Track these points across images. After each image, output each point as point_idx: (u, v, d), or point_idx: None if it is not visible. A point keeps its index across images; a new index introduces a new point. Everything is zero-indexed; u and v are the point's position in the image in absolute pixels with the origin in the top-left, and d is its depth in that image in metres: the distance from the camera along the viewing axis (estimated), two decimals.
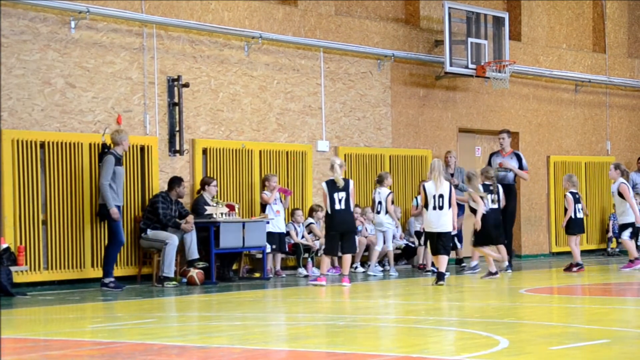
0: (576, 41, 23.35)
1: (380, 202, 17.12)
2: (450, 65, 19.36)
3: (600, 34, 23.65)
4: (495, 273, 15.58)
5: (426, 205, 14.91)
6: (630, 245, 16.99)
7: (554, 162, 22.16)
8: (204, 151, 16.79)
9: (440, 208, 14.77)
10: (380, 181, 17.24)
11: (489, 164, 17.96)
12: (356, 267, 17.81)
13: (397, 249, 18.53)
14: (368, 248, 17.94)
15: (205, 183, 16.29)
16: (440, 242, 14.84)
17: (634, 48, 24.44)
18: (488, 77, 19.89)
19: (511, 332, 9.39)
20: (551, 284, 15.51)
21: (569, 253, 21.04)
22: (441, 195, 14.79)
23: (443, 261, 14.71)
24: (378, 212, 17.15)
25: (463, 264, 17.69)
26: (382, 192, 17.11)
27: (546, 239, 21.92)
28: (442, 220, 14.79)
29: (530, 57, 21.92)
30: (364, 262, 18.00)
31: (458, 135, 20.63)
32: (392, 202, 17.30)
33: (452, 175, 19.13)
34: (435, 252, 15.06)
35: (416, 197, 18.44)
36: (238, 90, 17.24)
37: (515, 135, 21.70)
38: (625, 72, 23.89)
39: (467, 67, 19.60)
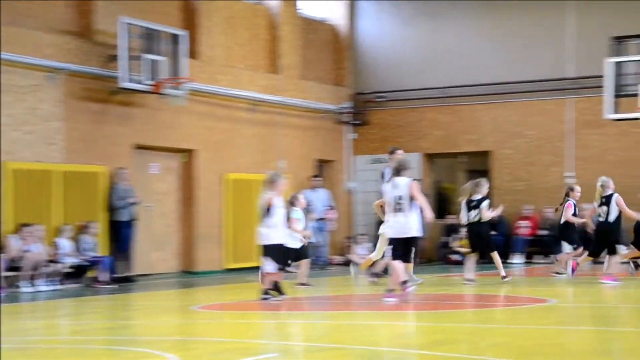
0: (252, 62, 23.77)
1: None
2: (126, 81, 19.07)
3: (274, 56, 24.22)
4: None
5: None
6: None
7: (229, 180, 22.36)
8: None
9: None
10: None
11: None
12: None
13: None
14: None
15: None
16: None
17: (306, 70, 25.23)
18: (165, 94, 19.78)
19: (182, 349, 9.30)
20: (224, 300, 15.56)
21: (242, 270, 21.28)
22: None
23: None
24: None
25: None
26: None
27: (219, 256, 22.07)
28: None
29: (208, 75, 22.04)
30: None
31: (133, 152, 20.34)
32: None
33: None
34: None
35: None
36: None
37: (193, 153, 21.73)
38: (298, 93, 24.60)
39: (143, 83, 19.39)
